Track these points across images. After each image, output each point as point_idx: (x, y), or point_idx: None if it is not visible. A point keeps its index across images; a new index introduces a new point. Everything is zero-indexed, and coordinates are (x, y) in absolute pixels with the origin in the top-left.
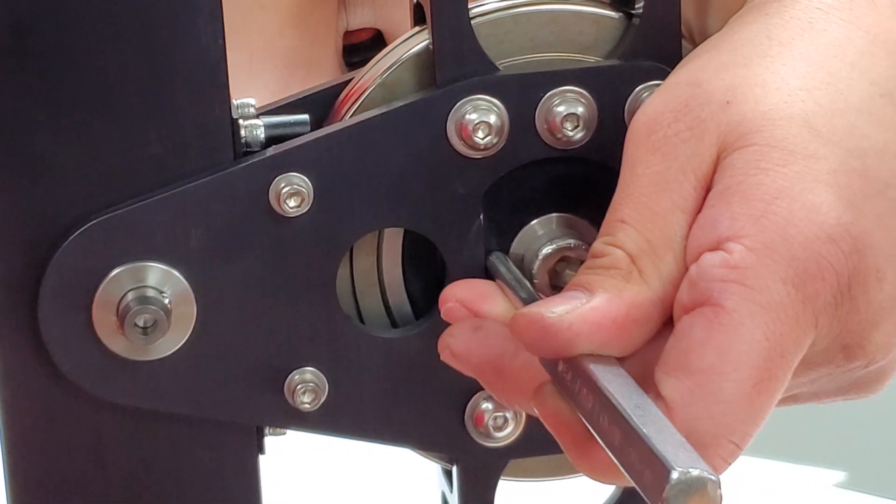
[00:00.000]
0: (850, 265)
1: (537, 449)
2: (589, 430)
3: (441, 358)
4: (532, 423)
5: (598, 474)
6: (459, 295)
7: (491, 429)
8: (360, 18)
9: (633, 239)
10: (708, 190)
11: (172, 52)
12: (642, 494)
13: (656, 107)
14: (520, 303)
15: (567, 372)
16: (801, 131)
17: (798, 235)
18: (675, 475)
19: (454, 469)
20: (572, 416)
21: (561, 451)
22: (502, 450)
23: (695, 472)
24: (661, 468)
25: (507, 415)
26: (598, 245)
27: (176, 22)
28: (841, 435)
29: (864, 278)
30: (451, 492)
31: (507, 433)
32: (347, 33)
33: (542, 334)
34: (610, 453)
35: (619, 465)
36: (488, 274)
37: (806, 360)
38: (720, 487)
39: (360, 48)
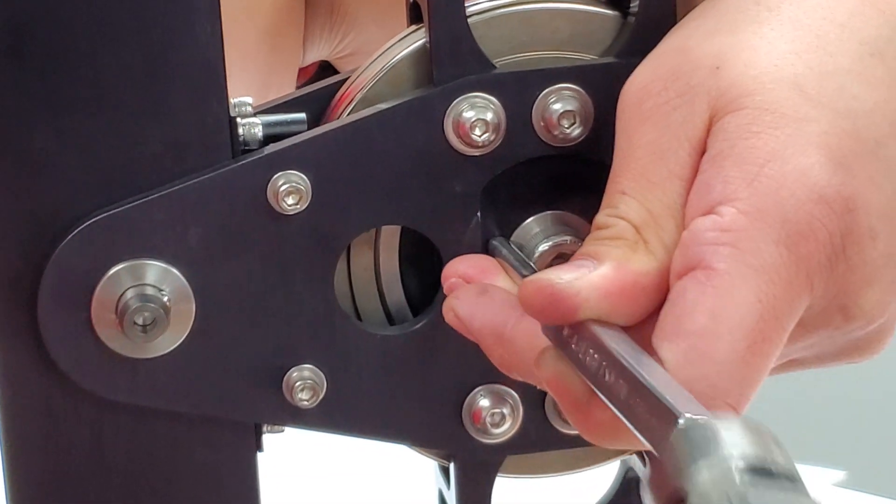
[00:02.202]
0: (842, 225)
1: (534, 445)
2: (589, 393)
3: (446, 320)
4: (529, 419)
5: (597, 435)
6: (462, 270)
7: (488, 425)
8: (317, 52)
9: (635, 210)
10: (702, 155)
11: (170, 50)
12: (646, 444)
13: (645, 75)
14: (522, 279)
15: (572, 336)
16: (791, 94)
17: (790, 198)
18: (682, 421)
19: (451, 466)
20: (574, 378)
21: (557, 448)
22: (499, 446)
23: (702, 421)
24: (668, 415)
25: (505, 411)
26: (601, 217)
27: (174, 20)
28: (841, 434)
29: (857, 238)
30: (449, 488)
31: (505, 429)
32: (300, 71)
33: (550, 300)
34: (614, 408)
35: (622, 417)
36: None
37: (805, 323)
38: None
39: (310, 83)
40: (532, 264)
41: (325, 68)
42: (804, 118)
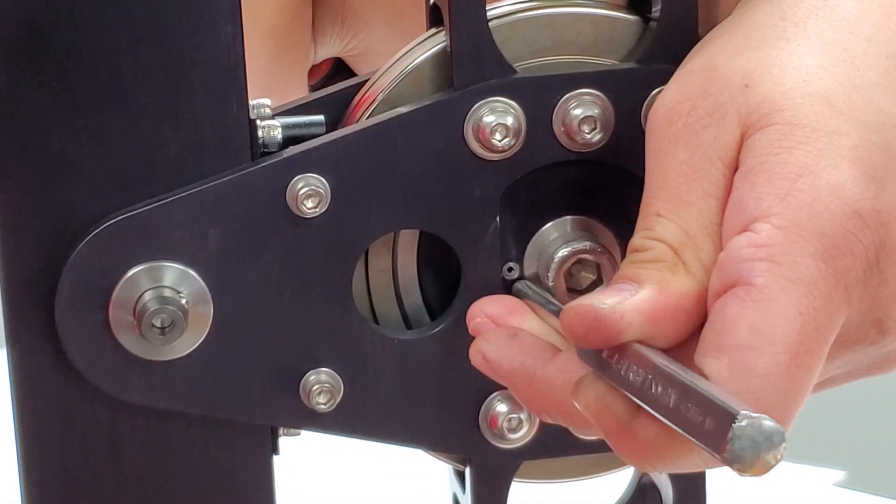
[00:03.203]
0: (876, 239)
1: (551, 451)
2: (632, 411)
3: (472, 363)
4: (546, 425)
5: (641, 454)
6: (488, 310)
7: (505, 430)
8: (328, 49)
9: (672, 231)
10: (735, 173)
11: (191, 52)
12: (702, 446)
13: (674, 95)
14: (551, 318)
15: (612, 356)
16: (821, 108)
17: (825, 212)
18: (741, 419)
19: (467, 470)
20: (616, 397)
21: (570, 454)
22: (516, 451)
23: (760, 419)
24: (724, 415)
25: (522, 416)
26: (637, 240)
27: (195, 20)
28: (841, 435)
29: (890, 251)
30: (464, 493)
31: (521, 435)
32: (312, 69)
33: (594, 325)
34: (662, 417)
35: (672, 425)
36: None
37: (841, 339)
38: (784, 441)
39: (324, 82)
40: (561, 305)
41: (340, 66)
42: (835, 132)
